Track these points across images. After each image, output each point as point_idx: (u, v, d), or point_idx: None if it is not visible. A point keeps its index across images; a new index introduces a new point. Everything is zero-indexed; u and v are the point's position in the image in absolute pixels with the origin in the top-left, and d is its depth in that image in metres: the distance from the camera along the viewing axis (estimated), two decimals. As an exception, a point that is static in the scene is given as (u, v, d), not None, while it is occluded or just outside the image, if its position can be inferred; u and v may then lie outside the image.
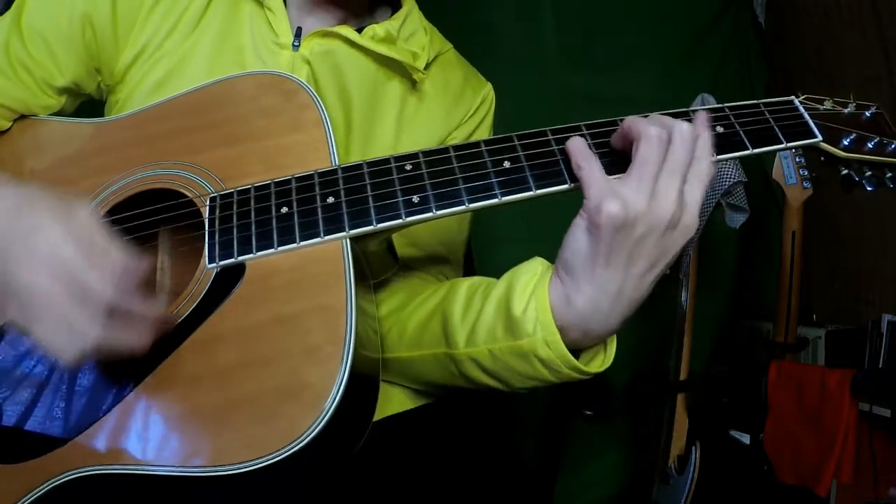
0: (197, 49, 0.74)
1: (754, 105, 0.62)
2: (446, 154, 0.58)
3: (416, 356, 0.70)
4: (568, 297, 0.55)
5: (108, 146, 0.68)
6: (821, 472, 1.47)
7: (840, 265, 1.95)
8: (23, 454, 0.53)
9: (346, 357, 0.50)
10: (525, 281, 0.59)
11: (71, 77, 0.74)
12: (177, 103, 0.68)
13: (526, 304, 0.57)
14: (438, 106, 0.82)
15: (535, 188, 0.56)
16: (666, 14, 2.06)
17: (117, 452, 0.51)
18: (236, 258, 0.56)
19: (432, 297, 0.72)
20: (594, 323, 0.55)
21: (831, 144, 0.62)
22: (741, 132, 0.59)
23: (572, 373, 0.57)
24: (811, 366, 1.78)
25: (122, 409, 0.53)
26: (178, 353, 0.53)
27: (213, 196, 0.60)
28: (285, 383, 0.50)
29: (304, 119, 0.63)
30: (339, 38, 0.74)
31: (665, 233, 0.52)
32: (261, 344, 0.52)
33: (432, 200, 0.56)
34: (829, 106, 0.64)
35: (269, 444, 0.48)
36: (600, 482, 1.99)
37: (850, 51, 1.88)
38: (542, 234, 1.77)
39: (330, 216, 0.56)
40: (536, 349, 0.57)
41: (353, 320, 0.52)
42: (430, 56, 0.81)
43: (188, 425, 0.51)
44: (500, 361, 0.60)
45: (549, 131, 0.58)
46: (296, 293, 0.54)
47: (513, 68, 1.89)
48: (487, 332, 0.61)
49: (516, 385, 0.62)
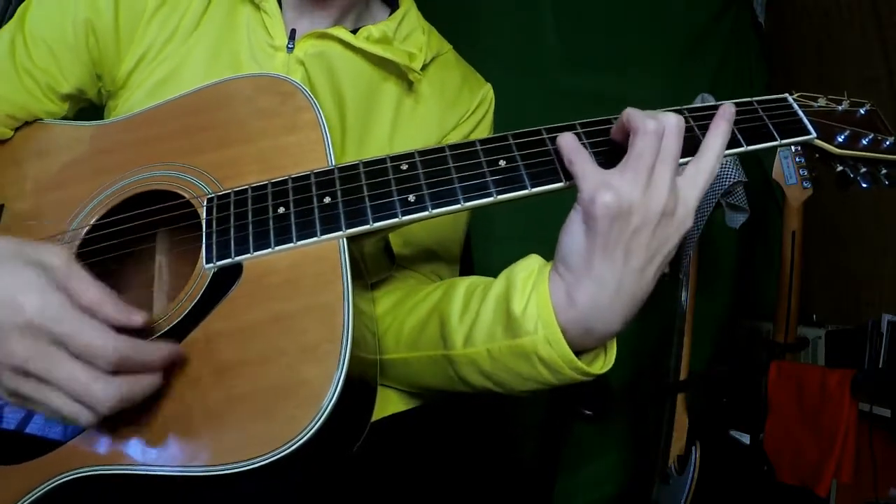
0: (194, 52, 0.74)
1: (748, 103, 0.62)
2: (442, 153, 0.58)
3: (413, 357, 0.70)
4: (568, 292, 0.54)
5: (105, 149, 0.68)
6: (821, 472, 1.47)
7: (840, 265, 1.95)
8: (22, 455, 0.53)
9: (344, 354, 0.50)
10: (523, 278, 0.58)
11: (75, 83, 0.75)
12: (174, 106, 0.68)
13: (526, 301, 0.56)
14: (434, 107, 0.81)
15: (531, 186, 0.56)
16: (666, 14, 2.06)
17: (116, 453, 0.51)
18: (233, 258, 0.56)
19: (429, 298, 0.71)
20: (595, 320, 0.54)
21: (826, 141, 0.62)
22: (735, 129, 0.59)
23: (573, 373, 0.56)
24: (811, 366, 1.78)
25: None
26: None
27: (210, 197, 0.60)
28: (283, 381, 0.50)
29: (301, 121, 0.64)
30: (334, 39, 0.74)
31: (660, 223, 0.52)
32: (258, 342, 0.52)
33: (428, 199, 0.56)
34: (824, 103, 0.64)
35: (269, 442, 0.48)
36: (600, 482, 1.99)
37: (850, 51, 1.88)
38: (539, 232, 1.77)
39: (326, 216, 0.57)
40: (538, 348, 0.56)
41: (350, 317, 0.52)
42: (428, 57, 0.80)
43: (186, 425, 0.51)
44: (498, 362, 0.60)
45: (544, 130, 0.59)
46: (293, 292, 0.54)
47: (512, 68, 1.89)
48: (486, 331, 0.60)
49: (515, 387, 0.61)
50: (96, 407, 0.46)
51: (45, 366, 0.45)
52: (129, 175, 0.65)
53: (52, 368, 0.45)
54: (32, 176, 0.69)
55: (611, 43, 2.01)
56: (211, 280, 0.56)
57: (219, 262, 0.57)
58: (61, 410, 0.46)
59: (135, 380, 0.47)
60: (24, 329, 0.44)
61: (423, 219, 0.57)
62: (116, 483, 0.52)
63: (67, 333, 0.45)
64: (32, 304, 0.45)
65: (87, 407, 0.46)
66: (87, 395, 0.45)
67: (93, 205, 0.64)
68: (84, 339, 0.45)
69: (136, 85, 0.75)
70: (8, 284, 0.45)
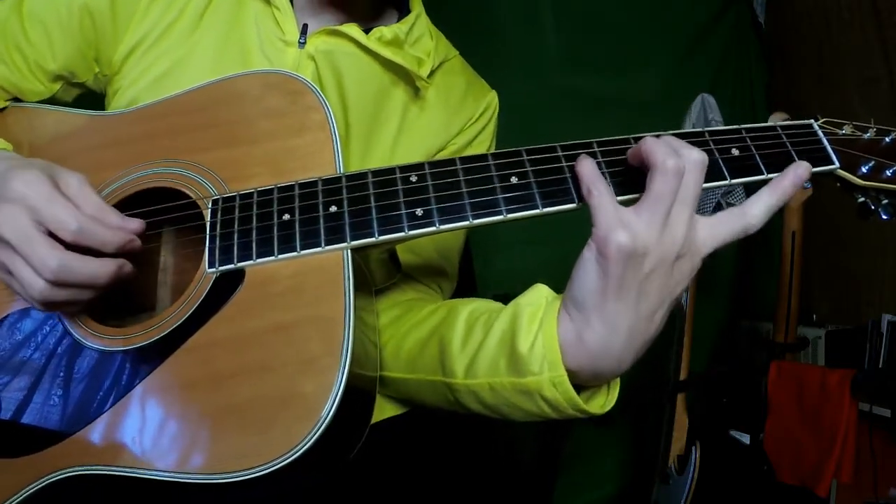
0: (200, 46, 0.73)
1: (771, 128, 0.59)
2: (453, 166, 0.57)
3: (412, 379, 0.68)
4: (579, 334, 0.52)
5: (109, 141, 0.67)
6: (821, 472, 1.48)
7: (840, 265, 1.95)
8: (19, 449, 0.54)
9: (343, 370, 0.50)
10: (530, 314, 0.56)
11: (63, 62, 0.74)
12: (181, 100, 0.67)
13: (532, 340, 0.54)
14: (438, 115, 0.80)
15: (542, 206, 0.54)
16: (666, 14, 2.06)
17: (112, 453, 0.51)
18: (236, 264, 0.56)
19: (429, 319, 0.69)
20: (605, 364, 0.52)
21: (849, 171, 0.59)
22: (756, 156, 0.56)
23: (576, 413, 0.55)
24: (811, 366, 1.78)
25: (118, 409, 0.53)
26: (176, 357, 0.53)
27: (215, 199, 0.59)
28: (280, 393, 0.50)
29: (310, 121, 0.62)
30: (346, 37, 0.73)
31: (674, 266, 0.50)
32: (258, 351, 0.52)
33: (436, 214, 0.55)
34: (849, 131, 0.61)
35: (265, 453, 0.48)
36: (600, 482, 2.00)
37: (850, 51, 1.88)
38: (541, 237, 1.78)
39: (332, 226, 0.56)
40: (542, 389, 0.54)
41: (351, 333, 0.51)
42: (435, 62, 0.79)
43: (184, 430, 0.51)
44: (500, 396, 0.58)
45: (560, 147, 0.56)
46: (294, 302, 0.53)
47: (513, 69, 1.89)
48: (489, 365, 0.58)
49: (514, 418, 0.60)
50: (42, 271, 0.52)
51: (16, 235, 0.52)
52: (134, 170, 0.63)
53: (19, 231, 0.52)
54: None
55: (611, 43, 2.01)
56: (213, 285, 0.56)
57: (221, 267, 0.56)
58: (20, 273, 0.53)
59: (82, 257, 0.53)
60: (12, 202, 0.53)
61: (430, 234, 0.55)
62: (110, 484, 0.52)
63: (41, 205, 0.52)
64: (18, 188, 0.53)
65: (36, 271, 0.52)
66: (34, 256, 0.51)
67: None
68: (53, 210, 0.52)
69: (135, 74, 0.73)
70: (17, 176, 0.54)
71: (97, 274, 0.53)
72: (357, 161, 0.74)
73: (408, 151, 0.78)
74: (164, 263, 0.71)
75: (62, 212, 0.52)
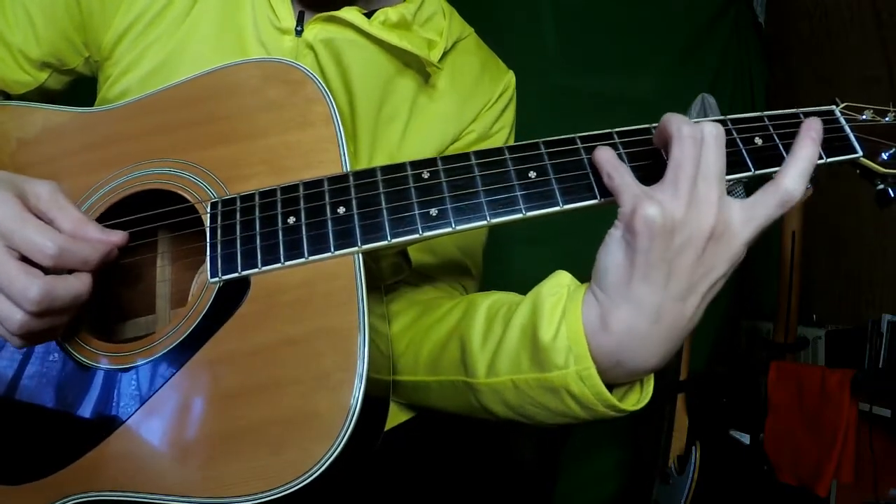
0: (197, 32, 0.68)
1: (794, 115, 0.56)
2: (467, 161, 0.53)
3: (434, 381, 0.65)
4: (602, 317, 0.49)
5: (100, 140, 0.62)
6: (821, 472, 1.48)
7: (840, 265, 1.95)
8: (22, 476, 0.51)
9: (359, 385, 0.47)
10: (552, 303, 0.52)
11: (49, 48, 0.71)
12: (174, 93, 0.62)
13: (556, 330, 0.51)
14: (451, 101, 0.75)
15: (563, 203, 0.51)
16: (666, 14, 2.06)
17: (117, 479, 0.49)
18: (240, 273, 0.52)
19: (448, 317, 0.65)
20: (629, 350, 0.49)
21: (870, 159, 0.57)
22: (780, 145, 0.53)
23: (608, 411, 0.51)
24: (811, 366, 1.78)
25: (123, 433, 0.50)
26: (181, 377, 0.50)
27: (214, 202, 0.55)
28: (293, 413, 0.47)
29: (312, 114, 0.58)
30: (345, 24, 0.67)
31: (706, 247, 0.47)
32: (267, 368, 0.49)
33: (451, 214, 0.51)
34: (870, 116, 0.58)
35: (280, 475, 0.46)
36: (600, 482, 2.00)
37: (850, 51, 1.88)
38: (554, 231, 1.77)
39: (341, 229, 0.52)
40: (568, 384, 0.50)
41: (367, 347, 0.48)
42: (448, 43, 0.74)
43: (193, 454, 0.48)
44: (524, 394, 0.54)
45: (579, 139, 0.53)
46: (304, 313, 0.50)
47: (513, 69, 1.88)
48: (511, 360, 0.55)
49: (543, 420, 0.56)
50: (21, 303, 0.46)
51: None
52: (127, 171, 0.59)
53: None
54: (14, 169, 0.60)
55: (611, 43, 2.01)
56: (216, 295, 0.52)
57: (224, 277, 0.52)
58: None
59: (63, 278, 0.48)
60: None
61: (446, 234, 0.52)
62: None
63: (11, 229, 0.47)
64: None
65: (15, 303, 0.46)
66: (12, 288, 0.46)
67: (87, 206, 0.58)
68: (26, 233, 0.47)
69: (129, 62, 0.69)
70: None
71: (80, 293, 0.49)
72: (364, 157, 0.70)
73: (419, 144, 0.73)
74: (163, 273, 0.67)
75: (36, 235, 0.47)
